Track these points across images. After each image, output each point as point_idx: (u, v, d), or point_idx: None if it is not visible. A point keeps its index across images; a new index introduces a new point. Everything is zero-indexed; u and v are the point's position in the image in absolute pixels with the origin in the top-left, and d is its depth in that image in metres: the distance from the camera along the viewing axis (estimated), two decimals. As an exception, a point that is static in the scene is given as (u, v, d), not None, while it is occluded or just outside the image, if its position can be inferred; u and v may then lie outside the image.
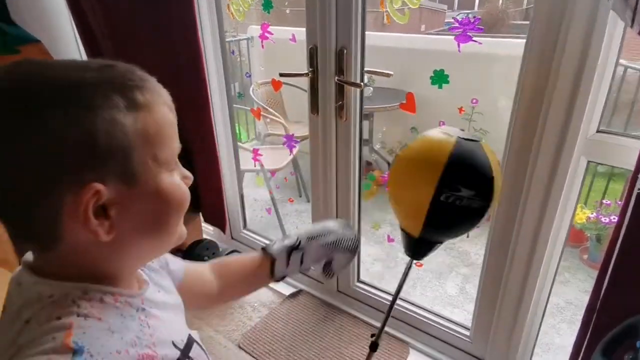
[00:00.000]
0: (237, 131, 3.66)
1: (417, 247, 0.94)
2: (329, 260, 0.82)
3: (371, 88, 2.84)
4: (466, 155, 0.79)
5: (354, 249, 0.83)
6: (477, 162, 0.79)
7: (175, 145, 0.51)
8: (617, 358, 0.91)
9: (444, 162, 0.78)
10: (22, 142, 0.40)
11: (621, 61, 2.31)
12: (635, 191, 0.79)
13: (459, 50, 1.13)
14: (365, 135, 3.04)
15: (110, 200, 0.45)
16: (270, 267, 0.76)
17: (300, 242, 0.77)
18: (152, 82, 0.50)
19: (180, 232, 0.54)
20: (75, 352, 0.41)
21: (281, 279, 0.79)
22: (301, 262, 0.78)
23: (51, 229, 0.44)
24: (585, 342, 1.01)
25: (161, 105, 0.49)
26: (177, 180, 0.51)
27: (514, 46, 2.62)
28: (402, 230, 0.93)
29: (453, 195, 0.78)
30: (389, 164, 2.97)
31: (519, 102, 1.11)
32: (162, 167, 0.48)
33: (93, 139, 0.42)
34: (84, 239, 0.45)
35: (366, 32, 1.38)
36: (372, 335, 1.19)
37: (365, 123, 3.00)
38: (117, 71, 0.47)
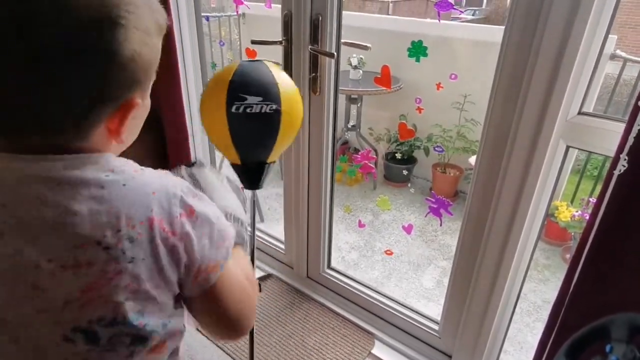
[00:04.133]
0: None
1: (249, 175, 1.01)
2: None
3: (360, 71, 2.74)
4: (248, 70, 0.90)
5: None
6: (258, 73, 0.90)
7: None
8: (582, 361, 0.83)
9: (229, 79, 0.88)
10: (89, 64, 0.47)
11: (621, 53, 2.22)
12: (616, 173, 0.70)
13: (438, 20, 1.03)
14: (354, 121, 2.95)
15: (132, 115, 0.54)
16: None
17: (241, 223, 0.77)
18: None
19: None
20: None
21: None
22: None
23: (85, 129, 0.51)
24: (551, 341, 0.93)
25: None
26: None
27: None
28: (232, 165, 1.02)
29: (242, 105, 0.87)
30: (375, 150, 2.88)
31: (497, 81, 1.03)
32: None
33: (151, 65, 0.54)
34: (103, 137, 0.53)
35: (363, 14, 1.29)
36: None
37: (354, 107, 2.91)
38: None
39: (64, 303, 0.49)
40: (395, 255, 2.29)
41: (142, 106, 0.56)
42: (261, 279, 1.87)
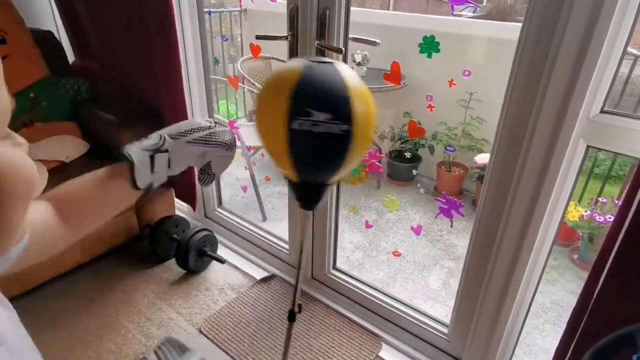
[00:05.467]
0: (228, 107, 3.51)
1: (304, 193, 0.86)
2: (205, 164, 0.71)
3: (364, 68, 2.69)
4: (316, 77, 0.71)
5: (230, 144, 0.71)
6: (328, 82, 0.71)
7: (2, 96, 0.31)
8: (605, 370, 0.79)
9: (292, 87, 0.69)
10: None
11: (631, 50, 2.18)
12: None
13: (452, 13, 0.99)
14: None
15: None
16: (130, 174, 0.60)
17: (164, 140, 0.64)
18: None
19: (23, 228, 0.36)
20: None
21: (148, 188, 0.64)
22: (169, 165, 0.65)
23: None
24: (571, 348, 0.90)
25: None
26: (17, 153, 0.33)
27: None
28: (286, 179, 0.87)
29: (307, 121, 0.69)
30: (379, 149, 2.84)
31: (514, 79, 0.98)
32: None
33: None
34: None
35: (368, 10, 1.25)
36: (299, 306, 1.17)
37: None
38: None
39: None
40: (400, 256, 2.26)
41: None
42: (263, 279, 1.84)
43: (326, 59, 0.75)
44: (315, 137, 0.71)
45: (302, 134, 0.71)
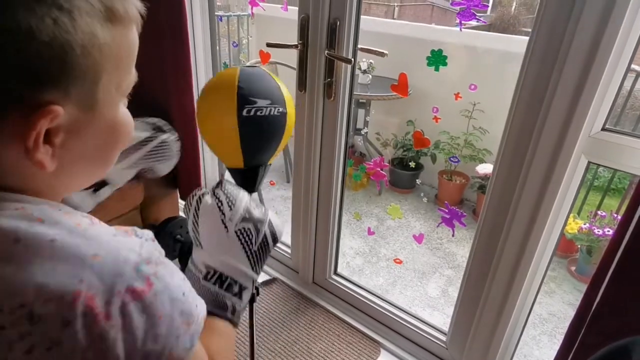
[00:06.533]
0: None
1: (248, 179, 1.04)
2: None
3: (370, 75, 2.73)
4: (251, 75, 0.95)
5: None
6: (262, 77, 0.96)
7: (134, 73, 0.46)
8: (601, 381, 0.81)
9: (236, 84, 0.91)
10: None
11: (634, 67, 2.21)
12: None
13: (460, 29, 1.02)
14: (361, 125, 2.94)
15: (60, 127, 0.38)
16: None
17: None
18: None
19: None
20: None
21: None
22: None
23: None
24: (569, 359, 0.92)
25: (134, 24, 0.44)
26: (127, 111, 0.47)
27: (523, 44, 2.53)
28: (230, 170, 1.04)
29: (253, 108, 0.90)
30: (381, 155, 2.87)
31: (519, 93, 1.01)
32: (121, 96, 0.45)
33: (66, 52, 0.36)
34: (19, 164, 0.38)
35: (374, 18, 1.28)
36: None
37: (362, 112, 2.89)
38: None
39: None
40: (402, 263, 2.28)
41: (87, 120, 0.40)
42: (265, 283, 1.86)
43: (254, 65, 0.97)
44: (261, 119, 0.91)
45: (250, 120, 0.90)
